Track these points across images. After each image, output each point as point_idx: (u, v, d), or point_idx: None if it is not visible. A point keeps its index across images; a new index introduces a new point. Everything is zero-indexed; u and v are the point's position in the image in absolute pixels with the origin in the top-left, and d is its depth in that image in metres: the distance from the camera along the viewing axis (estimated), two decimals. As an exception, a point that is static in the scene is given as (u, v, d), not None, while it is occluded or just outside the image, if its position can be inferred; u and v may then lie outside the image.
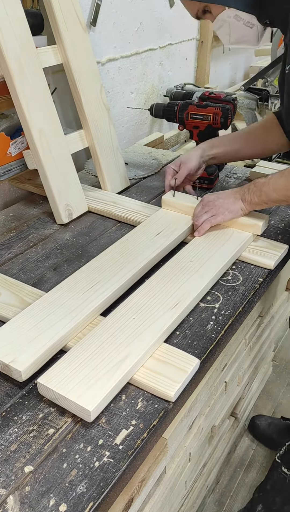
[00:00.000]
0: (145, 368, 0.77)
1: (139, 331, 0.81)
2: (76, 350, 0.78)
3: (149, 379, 0.75)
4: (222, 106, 1.38)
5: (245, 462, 1.62)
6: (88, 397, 0.69)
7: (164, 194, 1.22)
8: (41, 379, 0.73)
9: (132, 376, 0.76)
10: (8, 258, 1.10)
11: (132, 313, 0.86)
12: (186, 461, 1.06)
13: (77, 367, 0.74)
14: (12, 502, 0.60)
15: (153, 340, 0.80)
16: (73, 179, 1.25)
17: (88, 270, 0.98)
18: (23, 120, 1.12)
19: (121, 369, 0.74)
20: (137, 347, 0.78)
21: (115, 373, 0.73)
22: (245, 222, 1.10)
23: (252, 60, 2.80)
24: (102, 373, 0.73)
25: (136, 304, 0.88)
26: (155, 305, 0.88)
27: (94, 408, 0.68)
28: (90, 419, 0.69)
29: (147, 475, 0.81)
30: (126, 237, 1.10)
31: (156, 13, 1.78)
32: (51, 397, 0.72)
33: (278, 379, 1.94)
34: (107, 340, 0.80)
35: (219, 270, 0.98)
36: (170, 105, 1.45)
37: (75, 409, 0.70)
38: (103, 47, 1.57)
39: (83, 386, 0.71)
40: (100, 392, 0.70)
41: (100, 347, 0.78)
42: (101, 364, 0.75)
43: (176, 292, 0.91)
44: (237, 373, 1.31)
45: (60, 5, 1.19)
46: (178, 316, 0.86)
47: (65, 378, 0.72)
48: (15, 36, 1.08)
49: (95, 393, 0.70)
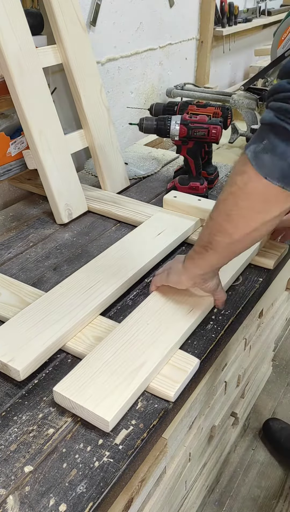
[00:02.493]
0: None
1: (154, 337, 0.80)
2: (92, 357, 0.76)
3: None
4: (222, 106, 1.38)
5: (245, 462, 1.62)
6: (106, 407, 0.67)
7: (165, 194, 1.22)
8: (57, 387, 0.71)
9: (148, 384, 0.74)
10: (8, 258, 1.10)
11: (146, 319, 0.84)
12: (186, 461, 1.06)
13: (93, 375, 0.72)
14: (12, 502, 0.60)
15: (170, 346, 0.78)
16: (73, 179, 1.25)
17: (88, 270, 0.98)
18: (23, 120, 1.12)
19: (138, 377, 0.72)
20: (154, 354, 0.76)
21: (132, 381, 0.71)
22: None
23: (252, 60, 2.80)
24: (119, 381, 0.71)
25: (150, 310, 0.86)
26: (169, 310, 0.86)
27: (112, 418, 0.66)
28: (108, 429, 0.67)
29: (147, 475, 0.81)
30: (127, 237, 1.10)
31: (156, 13, 1.78)
32: (67, 406, 0.71)
33: (278, 379, 1.94)
34: (122, 346, 0.78)
35: (232, 276, 0.97)
36: (170, 104, 1.45)
37: (92, 419, 0.68)
38: (103, 47, 1.57)
39: (100, 394, 0.69)
40: (118, 401, 0.68)
41: (116, 354, 0.76)
42: (118, 371, 0.73)
43: (191, 297, 0.89)
44: (237, 373, 1.31)
45: (60, 5, 1.19)
46: (193, 322, 0.85)
47: (82, 386, 0.70)
48: (15, 36, 1.08)
49: (112, 403, 0.68)
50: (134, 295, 0.98)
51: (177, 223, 1.15)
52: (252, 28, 2.58)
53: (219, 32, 2.25)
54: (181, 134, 1.26)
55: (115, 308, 0.94)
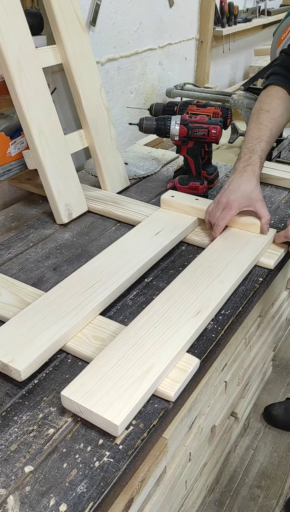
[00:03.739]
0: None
1: (162, 341, 0.79)
2: (99, 361, 0.75)
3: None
4: (222, 106, 1.38)
5: (245, 462, 1.62)
6: (115, 411, 0.67)
7: (163, 194, 1.22)
8: (65, 391, 0.70)
9: (157, 388, 0.74)
10: (8, 258, 1.10)
11: (153, 322, 0.83)
12: (186, 461, 1.06)
13: (101, 379, 0.72)
14: (12, 502, 0.60)
15: (177, 350, 0.78)
16: (73, 179, 1.25)
17: (87, 269, 0.98)
18: (22, 120, 1.12)
19: (146, 380, 0.72)
20: (162, 358, 0.76)
21: (140, 385, 0.71)
22: (245, 222, 1.10)
23: (252, 60, 2.80)
24: (127, 385, 0.71)
25: (157, 312, 0.86)
26: (176, 313, 0.86)
27: (121, 422, 0.66)
28: (117, 433, 0.67)
29: (147, 475, 0.81)
30: (125, 237, 1.10)
31: (156, 13, 1.78)
32: (75, 410, 0.70)
33: (278, 379, 1.94)
34: (130, 349, 0.77)
35: (239, 277, 0.97)
36: (170, 104, 1.45)
37: (101, 423, 0.68)
38: (102, 47, 1.57)
39: (109, 399, 0.69)
40: (127, 405, 0.68)
41: (124, 357, 0.76)
42: (126, 375, 0.73)
43: (197, 299, 0.89)
44: (237, 373, 1.31)
45: (60, 5, 1.19)
46: (201, 325, 0.84)
47: (90, 390, 0.70)
48: (14, 36, 1.08)
49: (121, 407, 0.68)
50: (134, 295, 0.98)
51: (175, 222, 1.15)
52: (252, 28, 2.59)
53: (218, 32, 2.25)
54: (181, 134, 1.26)
55: (115, 308, 0.94)
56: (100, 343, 0.82)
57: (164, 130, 1.28)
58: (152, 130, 1.31)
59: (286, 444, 1.69)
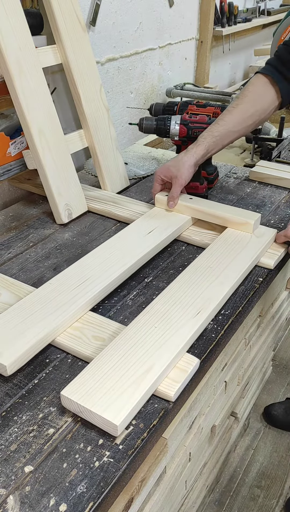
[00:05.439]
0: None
1: (162, 341, 0.79)
2: (99, 361, 0.75)
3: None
4: (222, 106, 1.38)
5: (245, 462, 1.62)
6: (114, 411, 0.67)
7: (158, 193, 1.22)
8: (65, 391, 0.70)
9: (156, 388, 0.74)
10: (8, 258, 1.10)
11: (153, 322, 0.83)
12: (186, 461, 1.06)
13: (101, 379, 0.72)
14: (12, 502, 0.60)
15: (177, 350, 0.78)
16: (73, 179, 1.25)
17: (79, 266, 0.98)
18: (22, 120, 1.12)
19: (146, 380, 0.72)
20: (162, 358, 0.76)
21: (140, 385, 0.71)
22: (237, 221, 1.10)
23: (252, 60, 2.81)
24: (127, 385, 0.71)
25: (158, 312, 0.86)
26: (176, 313, 0.86)
27: (120, 422, 0.66)
28: (116, 433, 0.67)
29: (147, 475, 0.81)
30: (118, 235, 1.10)
31: (156, 13, 1.78)
32: (75, 410, 0.70)
33: (278, 379, 1.94)
34: (130, 349, 0.77)
35: (238, 278, 0.97)
36: (169, 104, 1.45)
37: (101, 423, 0.68)
38: (102, 47, 1.57)
39: (109, 398, 0.69)
40: (127, 405, 0.68)
41: (123, 357, 0.76)
42: (126, 375, 0.73)
43: (197, 300, 0.89)
44: (237, 373, 1.31)
45: (60, 5, 1.19)
46: (201, 325, 0.84)
47: (89, 390, 0.70)
48: (14, 36, 1.08)
49: (121, 407, 0.68)
50: (134, 295, 0.98)
51: (169, 221, 1.15)
52: (252, 28, 2.59)
53: (218, 32, 2.25)
54: (181, 134, 1.26)
55: (115, 308, 0.94)
56: (100, 343, 0.82)
57: (164, 130, 1.28)
58: (152, 130, 1.31)
59: (286, 444, 1.69)
